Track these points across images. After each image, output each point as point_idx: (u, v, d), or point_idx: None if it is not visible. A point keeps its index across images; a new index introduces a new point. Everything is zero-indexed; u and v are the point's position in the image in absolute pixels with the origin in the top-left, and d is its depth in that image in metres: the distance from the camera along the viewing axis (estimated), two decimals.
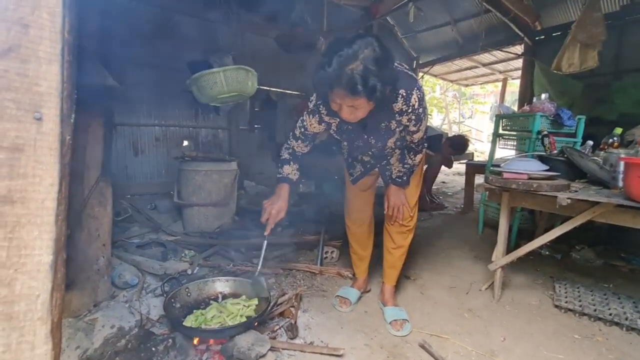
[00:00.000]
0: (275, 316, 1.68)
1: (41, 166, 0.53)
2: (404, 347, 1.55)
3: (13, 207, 0.51)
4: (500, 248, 1.98)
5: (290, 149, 1.63)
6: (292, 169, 1.62)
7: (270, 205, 1.57)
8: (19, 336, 0.52)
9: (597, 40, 3.09)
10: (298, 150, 1.63)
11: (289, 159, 1.63)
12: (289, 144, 1.64)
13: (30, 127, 0.52)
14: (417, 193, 1.79)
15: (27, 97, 0.52)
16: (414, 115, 1.38)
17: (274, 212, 1.56)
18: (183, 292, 1.65)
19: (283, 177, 1.61)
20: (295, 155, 1.63)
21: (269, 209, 1.56)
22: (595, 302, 1.89)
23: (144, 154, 3.76)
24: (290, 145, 1.63)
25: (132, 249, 2.30)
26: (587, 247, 2.72)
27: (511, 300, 2.00)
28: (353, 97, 1.15)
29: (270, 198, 1.60)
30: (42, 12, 0.51)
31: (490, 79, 7.72)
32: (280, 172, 1.62)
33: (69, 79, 0.55)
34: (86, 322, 1.51)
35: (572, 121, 2.75)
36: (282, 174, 1.62)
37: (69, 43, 0.55)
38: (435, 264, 2.50)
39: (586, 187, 1.82)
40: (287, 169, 1.62)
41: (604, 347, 1.59)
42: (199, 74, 2.79)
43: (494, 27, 5.18)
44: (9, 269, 0.52)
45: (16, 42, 0.50)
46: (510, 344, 1.60)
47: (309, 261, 2.40)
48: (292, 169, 1.62)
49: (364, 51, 1.11)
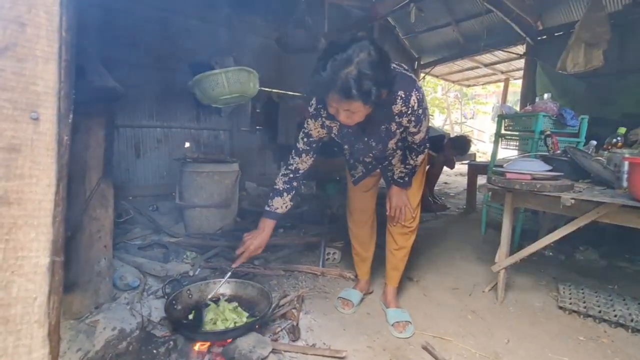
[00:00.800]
0: (277, 318, 1.67)
1: (38, 167, 0.52)
2: (406, 349, 1.54)
3: (9, 209, 0.51)
4: (503, 249, 1.96)
5: (289, 174, 1.56)
6: (283, 201, 1.56)
7: (251, 239, 1.54)
8: (16, 340, 0.52)
9: (601, 40, 3.07)
10: (301, 168, 1.57)
11: (282, 190, 1.56)
12: (289, 166, 1.57)
13: (27, 127, 0.51)
14: (420, 194, 1.78)
15: (23, 96, 0.51)
16: (413, 116, 1.37)
17: (251, 248, 1.53)
18: (184, 293, 1.64)
19: (270, 212, 1.55)
20: (293, 180, 1.57)
21: (248, 243, 1.53)
22: (600, 304, 1.87)
23: (145, 155, 3.77)
24: (290, 166, 1.57)
25: (133, 251, 2.30)
26: (591, 248, 2.70)
27: (515, 302, 1.98)
28: (348, 101, 1.14)
29: (252, 232, 1.56)
30: (39, 11, 0.50)
31: (492, 79, 7.71)
32: (270, 204, 1.56)
33: (66, 78, 0.54)
34: (87, 324, 1.51)
35: (575, 121, 2.73)
36: (270, 208, 1.55)
37: (67, 42, 0.54)
38: (437, 265, 2.49)
39: (590, 188, 1.80)
40: (277, 202, 1.55)
41: (610, 349, 1.57)
42: (201, 75, 2.79)
43: (495, 27, 5.17)
44: (5, 271, 0.51)
45: (12, 41, 0.49)
46: (514, 345, 1.59)
47: (311, 262, 2.39)
48: (283, 202, 1.56)
49: (359, 55, 1.10)
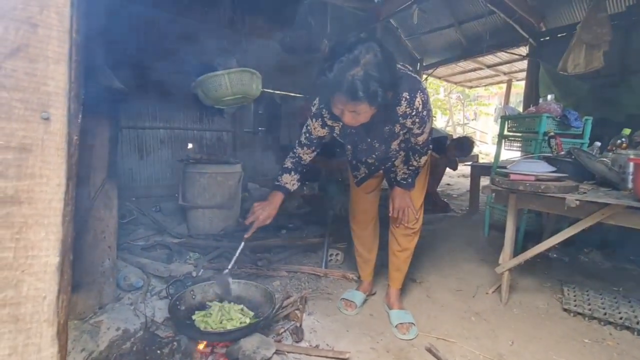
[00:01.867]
0: (280, 319, 1.67)
1: (48, 166, 0.53)
2: (410, 351, 1.53)
3: (20, 208, 0.51)
4: (507, 250, 1.95)
5: (296, 158, 1.62)
6: (291, 178, 1.60)
7: (260, 209, 1.56)
8: (26, 338, 0.52)
9: (602, 41, 3.07)
10: (304, 158, 1.61)
11: (290, 169, 1.61)
12: (294, 152, 1.62)
13: (37, 127, 0.52)
14: (423, 195, 1.78)
15: (35, 96, 0.51)
16: (418, 118, 1.37)
17: (261, 217, 1.55)
18: (188, 294, 1.64)
19: (280, 185, 1.60)
20: (299, 164, 1.62)
21: (257, 212, 1.55)
22: (605, 306, 1.86)
23: (148, 156, 3.79)
24: (296, 153, 1.62)
25: (136, 251, 2.31)
26: (595, 249, 2.69)
27: (519, 304, 1.97)
28: (354, 102, 1.14)
29: (261, 202, 1.59)
30: (50, 12, 0.51)
31: (494, 80, 7.69)
32: (279, 179, 1.61)
33: (76, 78, 0.55)
34: (91, 324, 1.51)
35: (579, 122, 2.72)
36: (280, 182, 1.60)
37: (77, 43, 0.54)
38: (441, 266, 2.48)
39: (595, 189, 1.79)
40: (286, 177, 1.60)
41: (615, 352, 1.56)
42: (204, 77, 2.80)
43: (498, 28, 5.17)
44: (15, 270, 0.51)
45: (24, 42, 0.50)
46: (519, 347, 1.58)
47: (314, 264, 2.39)
48: (291, 179, 1.60)
49: (365, 56, 1.10)
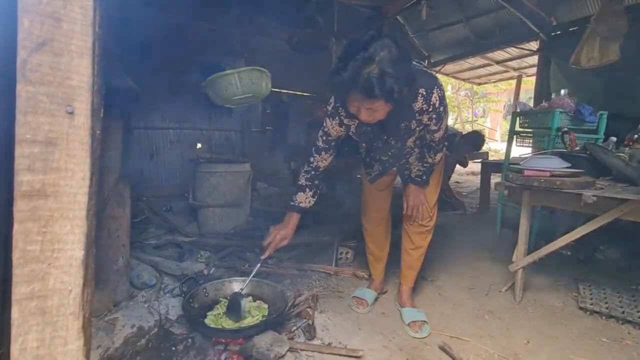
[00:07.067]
0: (293, 317, 1.67)
1: (73, 160, 0.53)
2: (423, 349, 1.52)
3: (47, 201, 0.52)
4: (521, 248, 1.93)
5: (310, 172, 1.58)
6: (306, 196, 1.58)
7: (277, 231, 1.57)
8: (53, 331, 0.52)
9: (618, 34, 2.99)
10: (321, 166, 1.58)
11: (304, 186, 1.58)
12: (310, 163, 1.58)
13: (62, 121, 0.52)
14: (437, 193, 1.76)
15: (60, 90, 0.52)
16: (434, 114, 1.36)
17: (277, 238, 1.55)
18: (201, 292, 1.65)
19: (294, 205, 1.58)
20: (314, 178, 1.59)
21: (274, 234, 1.56)
22: (623, 304, 1.82)
23: (159, 156, 3.82)
24: (311, 164, 1.58)
25: (149, 250, 2.33)
26: (612, 247, 2.63)
27: (533, 302, 1.94)
28: (371, 100, 1.14)
29: (278, 225, 1.59)
30: (74, 6, 0.51)
31: (504, 76, 7.56)
32: (294, 199, 1.59)
33: (99, 73, 0.55)
34: (106, 321, 1.53)
35: (594, 117, 2.67)
36: (294, 202, 1.58)
37: (99, 37, 0.55)
38: (452, 265, 2.46)
39: (612, 185, 1.76)
40: (300, 196, 1.58)
41: (635, 351, 1.53)
42: (214, 76, 2.82)
43: (508, 23, 5.08)
44: (42, 263, 0.52)
45: (49, 36, 0.50)
46: (534, 346, 1.56)
47: (324, 262, 2.38)
48: (306, 197, 1.58)
49: (380, 53, 1.09)
